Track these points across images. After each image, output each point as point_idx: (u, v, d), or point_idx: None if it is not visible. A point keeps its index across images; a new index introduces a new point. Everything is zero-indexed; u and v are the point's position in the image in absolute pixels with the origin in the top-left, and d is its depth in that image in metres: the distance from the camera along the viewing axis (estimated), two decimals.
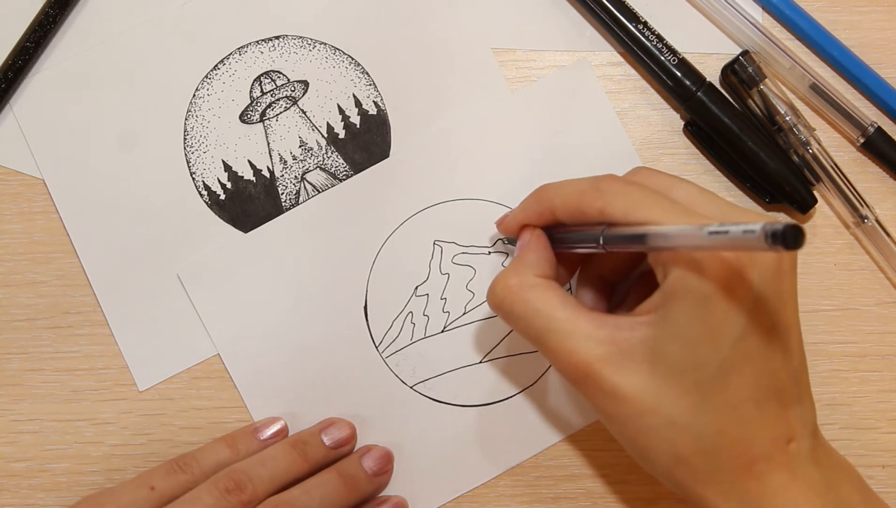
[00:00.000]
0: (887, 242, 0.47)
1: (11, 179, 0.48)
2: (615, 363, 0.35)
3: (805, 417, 0.37)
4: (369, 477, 0.44)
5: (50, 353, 0.47)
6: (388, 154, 0.48)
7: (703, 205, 0.37)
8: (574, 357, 0.36)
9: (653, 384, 0.35)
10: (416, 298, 0.47)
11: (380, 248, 0.47)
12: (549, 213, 0.40)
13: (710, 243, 0.31)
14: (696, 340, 0.34)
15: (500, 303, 0.39)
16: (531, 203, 0.41)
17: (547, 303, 0.38)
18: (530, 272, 0.39)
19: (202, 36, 0.49)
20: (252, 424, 0.46)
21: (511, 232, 0.43)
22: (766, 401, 0.35)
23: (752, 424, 0.35)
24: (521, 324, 0.39)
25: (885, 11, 0.50)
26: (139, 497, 0.42)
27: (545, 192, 0.41)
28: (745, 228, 0.29)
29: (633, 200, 0.36)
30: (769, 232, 0.28)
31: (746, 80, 0.48)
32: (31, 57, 0.48)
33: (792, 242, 0.28)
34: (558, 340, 0.37)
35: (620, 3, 0.48)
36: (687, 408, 0.35)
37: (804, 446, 0.37)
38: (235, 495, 0.41)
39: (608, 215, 0.37)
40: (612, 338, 0.36)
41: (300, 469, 0.43)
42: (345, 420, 0.46)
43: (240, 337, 0.47)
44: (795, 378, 0.37)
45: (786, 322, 0.36)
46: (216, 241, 0.47)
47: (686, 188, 0.38)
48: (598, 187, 0.38)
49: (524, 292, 0.38)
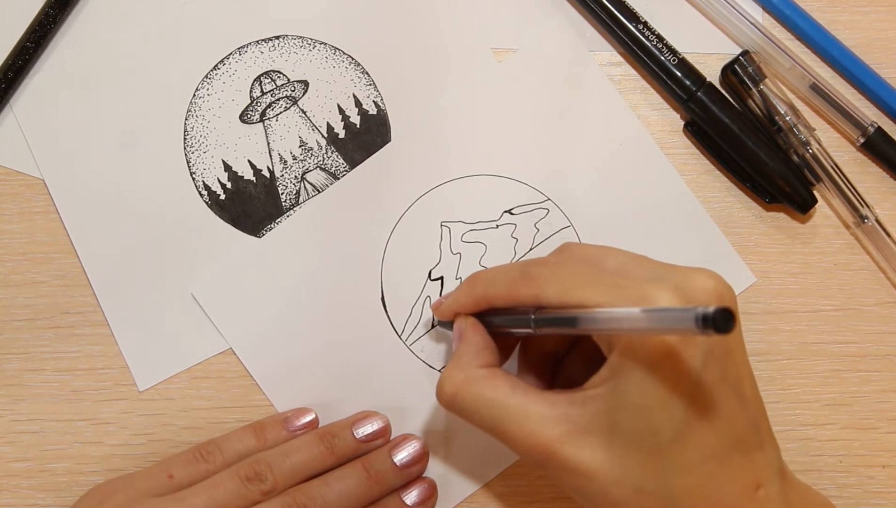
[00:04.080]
0: (887, 242, 0.47)
1: (11, 179, 0.48)
2: (574, 441, 0.35)
3: (770, 461, 0.37)
4: (397, 470, 0.44)
5: (50, 353, 0.47)
6: None
7: (638, 270, 0.36)
8: (533, 441, 0.36)
9: (614, 455, 0.35)
10: (431, 282, 0.47)
11: (388, 237, 0.48)
12: (485, 301, 0.40)
13: (642, 326, 0.31)
14: (649, 407, 0.34)
15: (450, 402, 0.39)
16: (466, 292, 0.41)
17: (497, 392, 0.38)
18: (474, 365, 0.39)
19: (202, 36, 0.49)
20: (282, 413, 0.46)
21: (447, 318, 0.43)
22: (729, 454, 0.35)
23: (719, 478, 0.35)
24: (475, 418, 0.38)
25: (885, 11, 0.50)
26: (157, 483, 0.42)
27: (478, 281, 0.41)
28: (677, 311, 0.29)
29: (566, 282, 0.36)
30: (699, 315, 0.28)
31: (746, 80, 0.48)
32: (31, 57, 0.48)
33: (723, 325, 0.27)
34: (514, 426, 0.37)
35: (620, 3, 0.48)
36: (650, 474, 0.35)
37: (773, 490, 0.36)
38: (255, 484, 0.41)
39: (542, 301, 0.37)
40: (567, 416, 0.36)
41: (325, 462, 0.43)
42: (379, 414, 0.45)
43: (261, 343, 0.47)
44: (754, 425, 0.36)
45: (736, 373, 0.36)
46: (216, 241, 0.47)
47: (617, 256, 0.38)
48: (529, 274, 0.38)
49: (472, 386, 0.38)
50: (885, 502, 0.47)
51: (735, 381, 0.36)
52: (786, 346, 0.48)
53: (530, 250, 0.48)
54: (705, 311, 0.28)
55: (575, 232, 0.48)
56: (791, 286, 0.48)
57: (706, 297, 0.34)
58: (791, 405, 0.47)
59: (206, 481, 0.42)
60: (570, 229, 0.48)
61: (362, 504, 0.43)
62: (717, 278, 0.35)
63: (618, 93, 0.49)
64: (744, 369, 0.36)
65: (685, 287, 0.34)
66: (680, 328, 0.29)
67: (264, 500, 0.41)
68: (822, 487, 0.47)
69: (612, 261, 0.37)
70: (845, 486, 0.47)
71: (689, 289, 0.34)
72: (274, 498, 0.41)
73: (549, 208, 0.48)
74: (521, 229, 0.48)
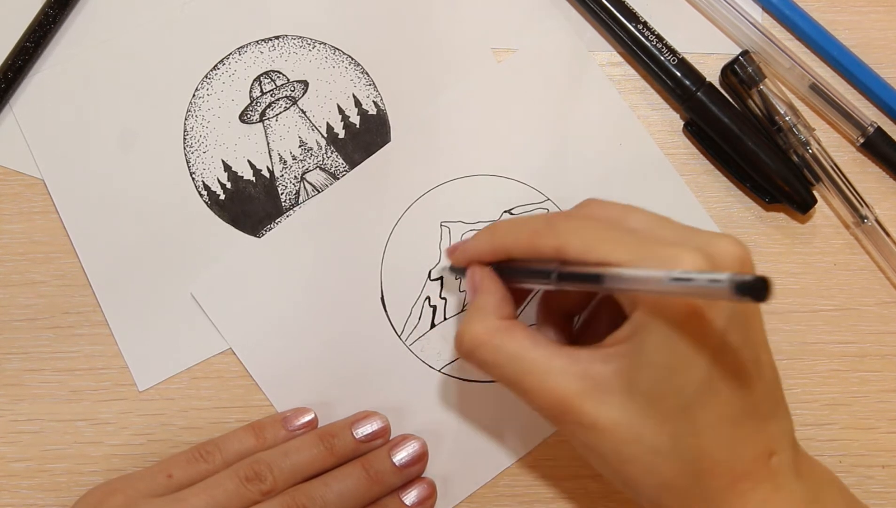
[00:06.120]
0: (887, 242, 0.47)
1: (11, 179, 0.48)
2: (593, 397, 0.35)
3: (784, 430, 0.37)
4: (397, 470, 0.44)
5: (50, 353, 0.47)
6: None
7: (661, 231, 0.36)
8: (552, 395, 0.36)
9: (631, 414, 0.35)
10: (430, 282, 0.47)
11: (388, 237, 0.48)
12: (503, 251, 0.40)
13: (672, 289, 0.30)
14: (670, 368, 0.34)
15: (470, 353, 0.39)
16: (484, 240, 0.40)
17: (518, 345, 0.37)
18: (493, 317, 0.39)
19: (202, 36, 0.49)
20: (281, 413, 0.46)
21: (461, 264, 0.42)
22: (744, 419, 0.35)
23: (733, 443, 0.35)
24: (495, 371, 0.38)
25: (885, 11, 0.50)
26: (156, 484, 0.42)
27: (499, 230, 0.40)
28: (710, 276, 0.29)
29: (590, 237, 0.36)
30: (737, 283, 0.27)
31: (746, 80, 0.48)
32: (31, 57, 0.48)
33: (761, 294, 0.27)
34: (535, 380, 0.36)
35: (620, 3, 0.48)
36: (667, 435, 0.35)
37: (786, 459, 0.36)
38: (255, 484, 0.41)
39: (565, 254, 0.36)
40: (587, 372, 0.35)
41: (325, 463, 0.43)
42: (378, 414, 0.45)
43: (261, 343, 0.47)
44: (771, 393, 0.37)
45: (756, 338, 0.36)
46: (216, 241, 0.47)
47: (640, 216, 0.37)
48: (553, 226, 0.37)
49: (493, 338, 0.38)
50: (885, 502, 0.47)
51: (754, 348, 0.36)
52: (786, 346, 0.48)
53: None
54: (742, 278, 0.27)
55: None
56: (791, 286, 0.48)
57: (731, 262, 0.34)
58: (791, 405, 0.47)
59: (205, 481, 0.42)
60: None
61: (362, 504, 0.43)
62: (740, 244, 0.35)
63: (618, 93, 0.49)
64: (761, 336, 0.36)
65: (710, 251, 0.34)
66: (713, 293, 0.29)
67: (264, 500, 0.41)
68: None
69: (636, 221, 0.37)
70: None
71: (713, 253, 0.34)
72: (273, 498, 0.41)
73: (548, 208, 0.48)
74: None
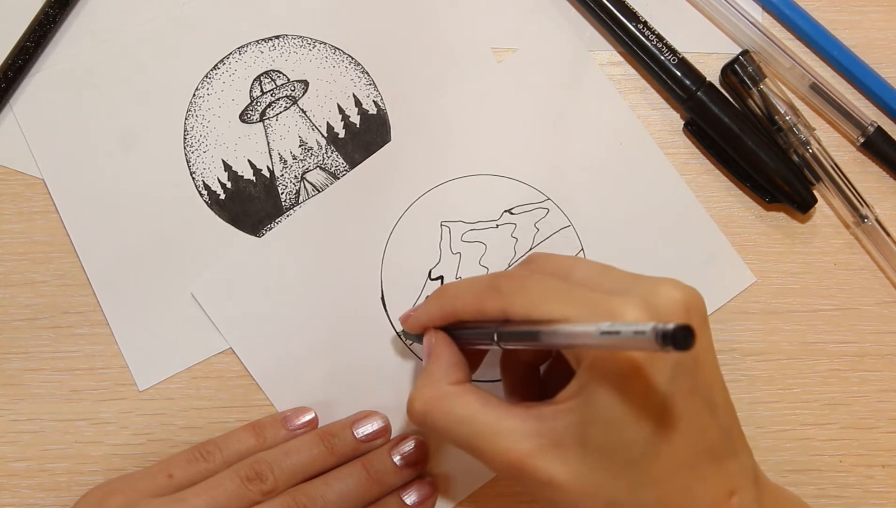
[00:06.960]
0: (887, 241, 0.47)
1: (11, 179, 0.48)
2: (546, 454, 0.35)
3: (743, 467, 0.37)
4: (397, 470, 0.44)
5: (50, 353, 0.47)
6: None
7: (606, 282, 0.36)
8: (505, 456, 0.36)
9: (587, 468, 0.35)
10: (430, 281, 0.47)
11: (388, 237, 0.48)
12: (452, 315, 0.40)
13: (603, 342, 0.31)
14: (619, 422, 0.34)
15: (422, 419, 0.39)
16: (434, 305, 0.41)
17: (468, 409, 0.37)
18: (444, 382, 0.39)
19: (202, 36, 0.49)
20: (282, 413, 0.46)
21: (416, 331, 0.42)
22: (701, 463, 0.35)
23: (691, 488, 0.35)
24: (447, 435, 0.38)
25: (885, 11, 0.50)
26: (156, 484, 0.42)
27: (446, 294, 0.40)
28: (635, 328, 0.29)
29: (534, 295, 0.36)
30: (660, 333, 0.27)
31: (746, 79, 0.48)
32: (31, 57, 0.48)
33: (682, 343, 0.27)
34: (486, 442, 0.36)
35: (620, 3, 0.48)
36: (624, 486, 0.34)
37: (747, 497, 0.36)
38: (256, 484, 0.41)
39: (510, 314, 0.36)
40: (538, 430, 0.35)
41: (326, 462, 0.43)
42: (378, 414, 0.46)
43: (261, 343, 0.47)
44: (726, 433, 0.36)
45: (706, 382, 0.35)
46: (216, 241, 0.47)
47: (585, 267, 0.37)
48: (496, 287, 0.37)
49: (443, 403, 0.38)
50: (885, 502, 0.47)
51: (706, 390, 0.35)
52: (785, 346, 0.48)
53: (530, 249, 0.48)
54: (664, 328, 0.27)
55: (575, 232, 0.48)
56: (791, 286, 0.48)
57: (674, 309, 0.34)
58: (791, 404, 0.47)
59: (206, 481, 0.42)
60: (570, 229, 0.48)
61: (362, 503, 0.43)
62: (684, 288, 0.35)
63: (617, 93, 0.49)
64: (714, 376, 0.36)
65: (652, 300, 0.34)
66: (641, 345, 0.29)
67: (265, 500, 0.41)
68: (822, 487, 0.47)
69: (580, 273, 0.37)
70: (845, 486, 0.47)
71: (656, 301, 0.34)
72: (274, 498, 0.41)
73: (549, 208, 0.48)
74: (521, 228, 0.48)
